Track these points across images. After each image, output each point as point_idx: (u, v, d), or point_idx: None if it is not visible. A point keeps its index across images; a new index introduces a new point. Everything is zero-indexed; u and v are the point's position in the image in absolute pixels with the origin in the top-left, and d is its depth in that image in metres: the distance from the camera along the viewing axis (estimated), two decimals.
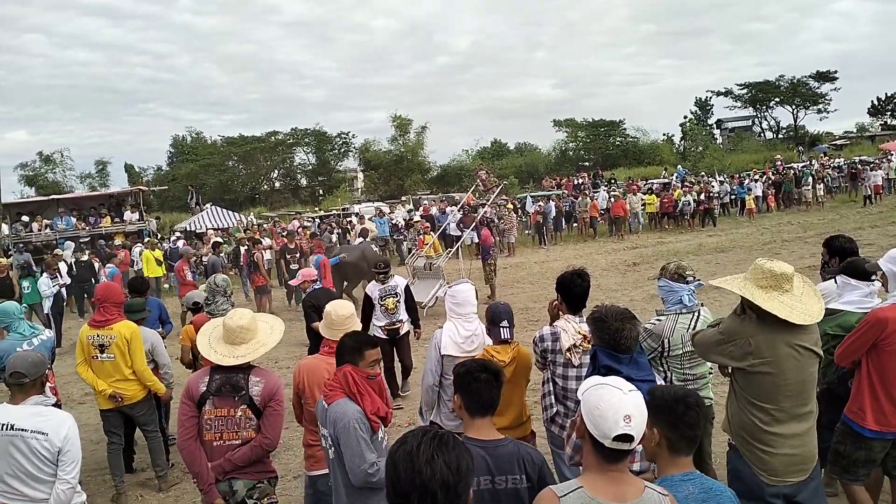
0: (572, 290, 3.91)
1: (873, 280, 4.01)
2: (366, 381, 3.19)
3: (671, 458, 2.36)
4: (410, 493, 1.67)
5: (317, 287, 7.44)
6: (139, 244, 19.98)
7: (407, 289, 7.72)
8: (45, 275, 13.40)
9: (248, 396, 3.56)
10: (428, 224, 20.73)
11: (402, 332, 7.67)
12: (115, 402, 5.49)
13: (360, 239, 15.73)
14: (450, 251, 15.45)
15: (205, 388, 3.56)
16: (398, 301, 7.59)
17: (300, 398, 3.94)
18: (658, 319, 3.96)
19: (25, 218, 22.59)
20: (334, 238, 19.42)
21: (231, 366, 3.55)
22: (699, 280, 4.04)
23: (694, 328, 3.86)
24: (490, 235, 14.66)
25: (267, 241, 18.38)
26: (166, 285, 18.47)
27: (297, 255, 15.34)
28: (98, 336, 5.42)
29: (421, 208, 26.09)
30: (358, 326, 4.06)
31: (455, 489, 1.69)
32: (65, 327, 13.58)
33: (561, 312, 3.96)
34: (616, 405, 2.02)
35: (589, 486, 2.08)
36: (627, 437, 2.00)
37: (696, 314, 3.92)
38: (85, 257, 16.77)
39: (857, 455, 3.71)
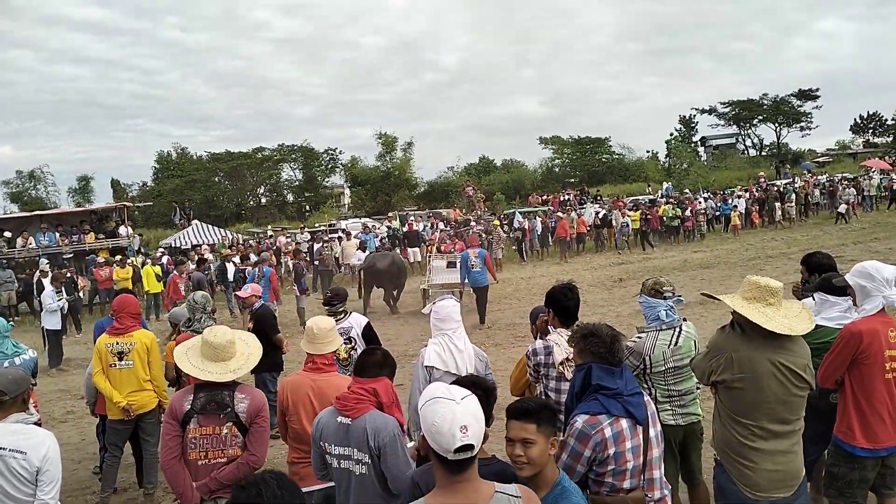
0: (563, 303, 3.91)
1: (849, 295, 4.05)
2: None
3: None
4: None
5: (264, 302, 7.58)
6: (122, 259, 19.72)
7: (367, 329, 5.88)
8: (50, 287, 12.97)
9: (233, 413, 3.52)
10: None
11: None
12: (127, 415, 5.55)
13: (361, 251, 16.20)
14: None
15: (189, 407, 3.51)
16: (353, 348, 5.72)
17: (284, 416, 3.90)
18: (639, 337, 3.95)
19: (8, 234, 22.27)
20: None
21: (216, 383, 3.51)
22: (679, 296, 4.03)
23: (676, 344, 3.87)
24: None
25: (254, 258, 18.28)
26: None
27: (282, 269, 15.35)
28: (117, 343, 5.54)
29: (428, 221, 26.23)
30: (340, 340, 4.04)
31: None
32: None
33: (552, 327, 3.96)
34: (450, 418, 2.00)
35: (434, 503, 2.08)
36: (467, 448, 2.00)
37: (678, 330, 3.91)
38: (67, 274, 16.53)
39: (852, 476, 3.65)
